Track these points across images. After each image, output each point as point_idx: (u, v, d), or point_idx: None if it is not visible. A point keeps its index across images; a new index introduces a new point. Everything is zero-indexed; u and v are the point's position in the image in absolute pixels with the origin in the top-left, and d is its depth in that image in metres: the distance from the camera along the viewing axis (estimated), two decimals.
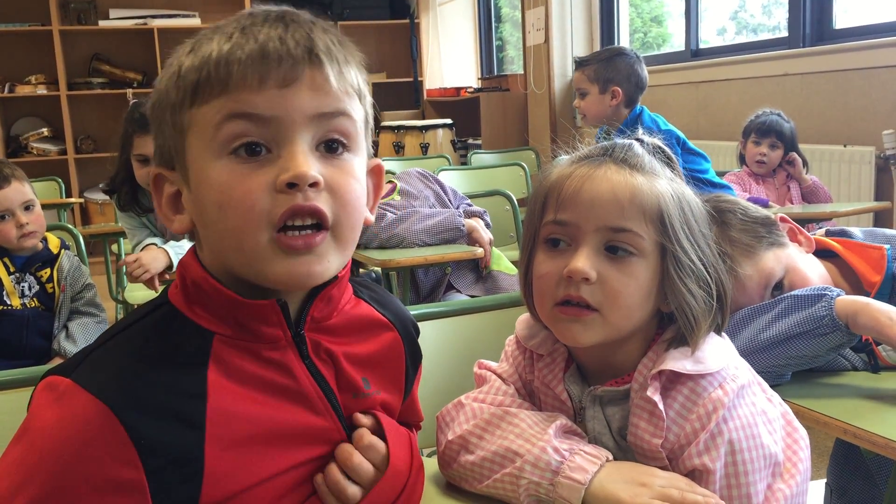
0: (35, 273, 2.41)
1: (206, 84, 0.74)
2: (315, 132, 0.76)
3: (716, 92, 4.00)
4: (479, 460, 0.90)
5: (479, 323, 1.36)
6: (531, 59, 5.38)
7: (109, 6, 6.20)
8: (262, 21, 0.76)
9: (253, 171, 0.73)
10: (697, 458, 0.83)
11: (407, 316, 0.95)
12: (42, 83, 6.04)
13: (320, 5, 6.69)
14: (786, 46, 3.59)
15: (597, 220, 0.88)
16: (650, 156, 0.93)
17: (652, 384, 0.87)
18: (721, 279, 0.91)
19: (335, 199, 0.76)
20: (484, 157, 4.78)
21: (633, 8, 5.21)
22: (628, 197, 0.87)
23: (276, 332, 0.79)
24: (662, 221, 0.88)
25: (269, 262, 0.74)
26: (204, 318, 0.77)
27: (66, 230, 2.73)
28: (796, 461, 0.87)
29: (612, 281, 0.87)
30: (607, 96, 2.92)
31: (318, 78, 0.75)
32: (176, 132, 0.77)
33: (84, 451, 0.69)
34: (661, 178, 0.90)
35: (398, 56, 7.08)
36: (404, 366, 0.92)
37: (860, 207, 2.81)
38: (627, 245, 0.87)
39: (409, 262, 2.45)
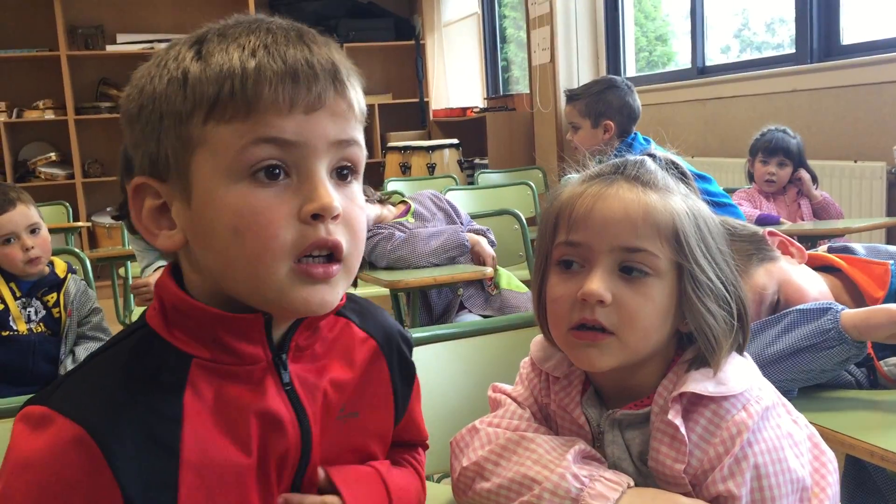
0: (41, 298, 2.40)
1: (230, 101, 0.70)
2: (332, 159, 0.74)
3: (723, 109, 3.99)
4: (496, 488, 0.88)
5: (492, 344, 1.34)
6: (537, 78, 5.38)
7: (117, 31, 6.24)
8: (283, 39, 0.73)
9: (275, 198, 0.71)
10: (722, 483, 0.81)
11: (393, 329, 0.92)
12: (50, 108, 6.07)
13: (326, 27, 6.73)
14: (793, 63, 3.58)
15: (610, 240, 0.85)
16: (663, 171, 0.90)
17: (673, 407, 0.84)
18: (741, 297, 0.88)
19: (348, 230, 0.75)
20: (491, 177, 4.78)
21: (637, 27, 5.22)
22: (642, 216, 0.85)
23: (256, 351, 0.76)
24: (678, 240, 0.85)
25: (286, 291, 0.73)
26: (182, 341, 0.75)
27: (73, 254, 2.72)
28: (825, 485, 0.85)
29: (628, 302, 0.84)
30: (599, 130, 2.90)
31: (342, 104, 0.74)
32: (179, 144, 0.72)
33: (64, 476, 0.68)
34: (675, 195, 0.88)
35: (404, 77, 7.10)
36: (390, 383, 0.90)
37: (872, 223, 2.78)
38: (642, 265, 0.85)
39: (419, 282, 2.43)
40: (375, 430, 0.88)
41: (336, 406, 0.83)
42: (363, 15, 6.89)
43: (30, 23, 6.10)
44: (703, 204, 0.91)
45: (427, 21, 6.97)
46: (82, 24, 6.24)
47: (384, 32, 6.94)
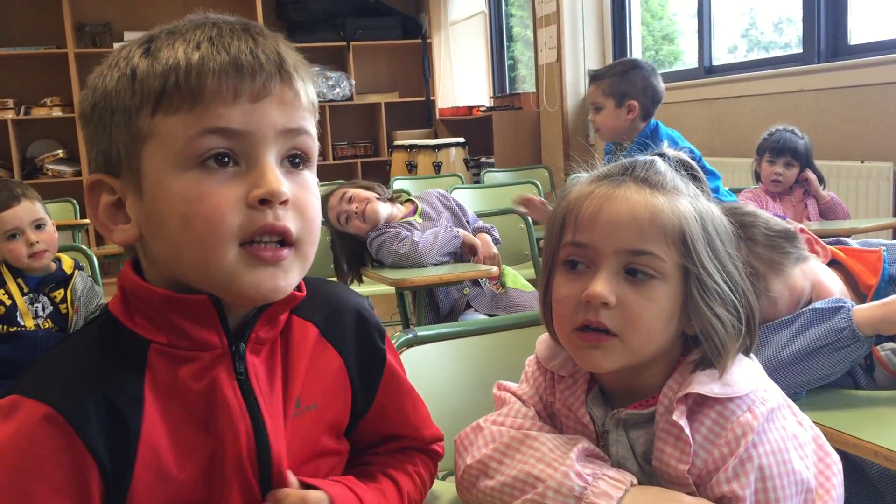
0: (49, 294, 2.41)
1: (175, 93, 0.72)
2: (281, 147, 0.76)
3: (730, 108, 3.98)
4: (500, 485, 0.88)
5: (497, 343, 1.34)
6: (543, 77, 5.38)
7: (124, 29, 6.26)
8: (229, 32, 0.75)
9: (223, 184, 0.73)
10: (726, 484, 0.81)
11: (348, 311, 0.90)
12: (57, 105, 6.09)
13: (332, 26, 6.73)
14: (801, 63, 3.57)
15: (616, 242, 0.85)
16: (673, 172, 0.90)
17: (678, 408, 0.84)
18: (749, 301, 0.88)
19: (299, 216, 0.76)
20: (497, 176, 4.77)
21: (644, 26, 5.21)
22: (648, 218, 0.84)
23: (210, 336, 0.77)
24: (685, 243, 0.85)
25: (236, 276, 0.74)
26: (141, 327, 0.77)
27: (80, 251, 2.73)
28: (829, 487, 0.85)
29: (632, 305, 0.84)
30: (623, 110, 2.86)
31: (288, 93, 0.76)
32: (130, 138, 0.74)
33: (38, 454, 0.70)
34: (684, 197, 0.87)
35: (410, 76, 7.10)
36: (347, 376, 0.88)
37: (879, 224, 2.78)
38: (647, 268, 0.85)
39: (424, 281, 2.43)
40: (329, 423, 0.87)
41: (291, 402, 0.82)
42: (370, 13, 6.89)
43: (38, 20, 6.12)
44: (714, 205, 0.91)
45: (434, 19, 6.97)
46: (90, 21, 6.26)
47: (391, 31, 6.95)
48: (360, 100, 6.89)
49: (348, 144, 6.99)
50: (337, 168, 6.68)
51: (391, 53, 7.13)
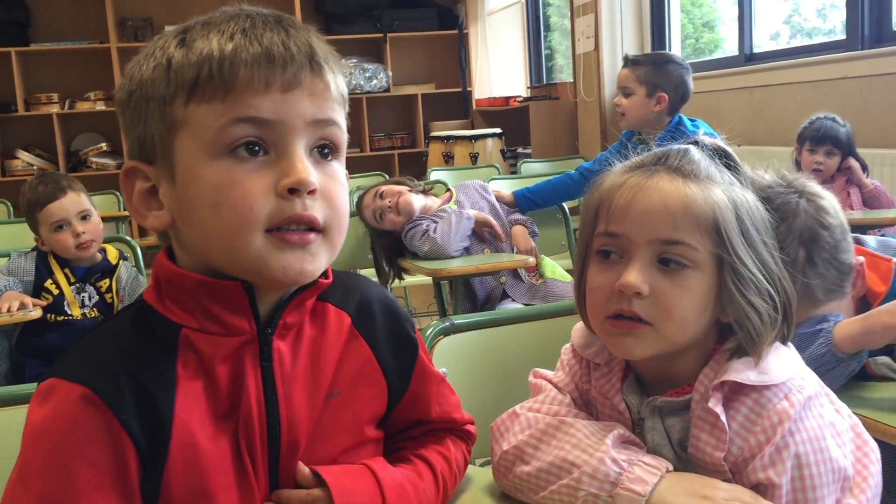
0: (95, 283, 2.48)
1: (208, 83, 0.74)
2: (310, 138, 0.77)
3: (771, 97, 3.92)
4: (535, 471, 0.89)
5: (533, 331, 1.35)
6: (581, 66, 5.35)
7: (165, 23, 6.34)
8: (262, 24, 0.77)
9: (252, 173, 0.74)
10: (762, 471, 0.81)
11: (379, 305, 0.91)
12: (101, 99, 6.21)
13: (369, 18, 6.76)
14: (843, 49, 3.51)
15: (649, 232, 0.85)
16: (707, 160, 0.89)
17: (714, 395, 0.84)
18: (785, 289, 0.88)
19: (328, 204, 0.78)
20: (534, 166, 4.76)
21: (684, 14, 5.15)
22: (681, 208, 0.85)
23: (241, 323, 0.79)
24: (718, 232, 0.85)
25: (264, 259, 0.75)
26: (172, 312, 0.78)
27: (124, 242, 2.79)
28: (867, 475, 0.85)
29: (666, 294, 0.85)
30: (653, 101, 2.87)
31: (319, 84, 0.77)
32: (164, 126, 0.76)
33: (77, 434, 0.72)
34: (718, 186, 0.87)
35: (447, 66, 7.10)
36: (376, 362, 0.88)
37: None
38: (681, 258, 0.85)
39: (461, 271, 2.45)
40: (364, 411, 0.88)
41: (324, 388, 0.84)
42: (407, 5, 6.90)
43: (81, 16, 6.24)
44: (750, 194, 0.90)
45: (470, 10, 6.96)
46: (132, 16, 6.36)
47: (428, 22, 6.95)
48: (397, 91, 6.90)
49: (385, 136, 7.02)
50: (374, 159, 6.71)
51: (428, 44, 7.14)
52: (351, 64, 6.70)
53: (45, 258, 2.45)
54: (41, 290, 2.42)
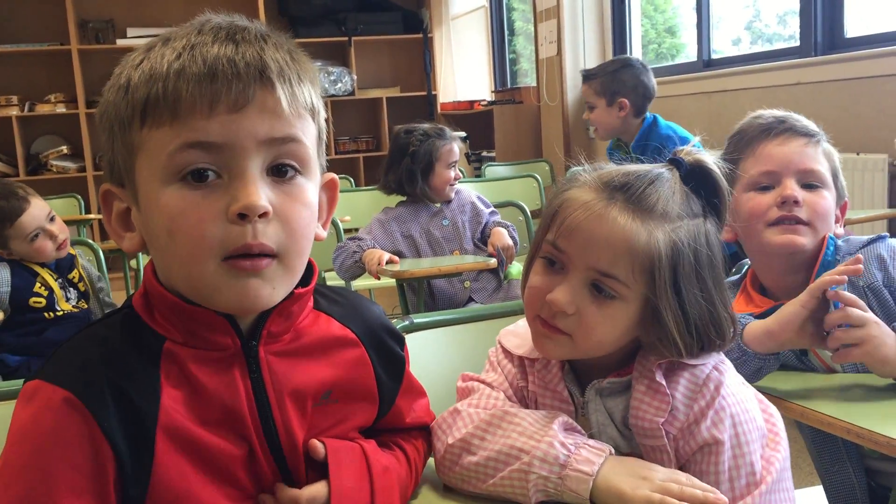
0: (68, 277, 2.51)
1: (156, 106, 0.73)
2: (265, 157, 0.75)
3: (729, 101, 4.00)
4: (484, 460, 0.93)
5: (492, 330, 1.36)
6: (544, 71, 5.40)
7: (127, 25, 6.29)
8: (211, 39, 0.75)
9: (203, 199, 0.73)
10: (707, 431, 0.90)
11: (379, 325, 0.93)
12: (61, 102, 6.13)
13: (334, 21, 6.75)
14: (798, 56, 3.60)
15: (588, 259, 0.91)
16: (673, 191, 0.92)
17: (657, 371, 0.92)
18: (712, 330, 0.92)
19: (284, 227, 0.76)
20: (498, 170, 4.80)
21: (647, 19, 5.23)
22: (623, 248, 0.89)
23: (224, 339, 0.79)
24: (651, 275, 0.90)
25: (216, 290, 0.75)
26: (159, 324, 0.79)
27: (86, 245, 2.78)
28: (777, 431, 0.95)
29: (589, 318, 0.91)
30: (615, 108, 2.96)
31: (270, 101, 0.75)
32: (126, 150, 0.76)
33: (58, 436, 0.72)
34: (669, 224, 0.91)
35: (412, 70, 7.12)
36: (374, 378, 0.91)
37: (873, 214, 2.81)
38: (612, 290, 0.91)
39: (423, 272, 2.47)
40: (356, 422, 0.91)
41: (313, 395, 0.85)
42: (371, 8, 6.91)
43: (41, 17, 6.15)
44: (706, 225, 0.94)
45: (435, 14, 6.99)
46: (93, 18, 6.30)
47: (392, 26, 6.97)
48: (362, 95, 6.91)
49: (350, 139, 7.02)
50: (340, 163, 6.71)
51: (392, 48, 7.15)
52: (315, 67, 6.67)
53: (19, 263, 2.44)
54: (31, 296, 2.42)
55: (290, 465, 0.83)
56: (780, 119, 1.33)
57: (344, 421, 0.89)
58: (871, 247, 1.30)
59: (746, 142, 1.36)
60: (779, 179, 1.30)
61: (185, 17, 2.29)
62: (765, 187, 1.32)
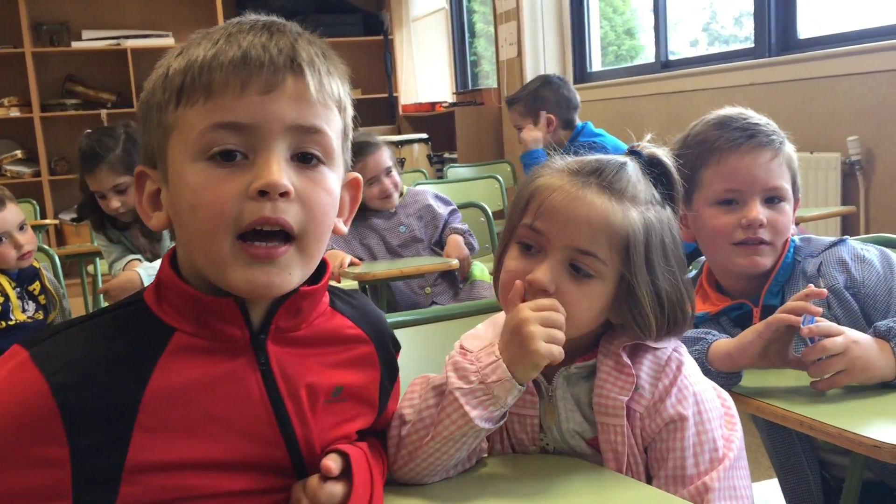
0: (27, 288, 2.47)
1: (191, 87, 0.76)
2: (291, 142, 0.78)
3: (686, 102, 4.06)
4: (417, 416, 0.95)
5: (456, 330, 1.37)
6: (504, 73, 5.43)
7: (82, 27, 6.19)
8: (248, 29, 0.79)
9: (227, 176, 0.76)
10: (673, 408, 0.94)
11: (387, 331, 0.97)
12: (15, 105, 6.01)
13: None
14: (752, 57, 3.66)
15: (567, 239, 0.94)
16: (637, 177, 0.98)
17: (622, 353, 0.96)
18: (677, 308, 0.98)
19: (305, 210, 0.78)
20: (460, 171, 4.82)
21: (606, 21, 5.28)
22: (601, 225, 0.94)
23: (234, 331, 0.80)
24: (627, 252, 0.94)
25: (230, 268, 0.76)
26: (168, 315, 0.80)
27: (42, 251, 2.73)
28: (732, 413, 1.01)
29: (568, 296, 0.94)
30: (543, 125, 3.08)
31: (299, 87, 0.78)
32: (161, 131, 0.79)
33: (17, 421, 0.73)
34: (638, 207, 0.96)
35: (373, 72, 7.11)
36: (378, 382, 0.93)
37: (826, 212, 2.87)
38: (589, 268, 0.94)
39: (385, 274, 2.47)
40: (358, 424, 0.92)
41: (325, 391, 0.86)
42: (331, 10, 6.89)
43: None
44: (667, 212, 1.00)
45: (395, 16, 6.99)
46: (47, 20, 6.18)
47: (352, 28, 6.95)
48: None
49: None
50: None
51: (353, 50, 7.12)
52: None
53: None
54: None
55: (305, 455, 0.84)
56: (747, 132, 1.29)
57: (348, 421, 0.90)
58: (833, 250, 1.32)
59: (710, 150, 1.33)
60: (744, 198, 1.29)
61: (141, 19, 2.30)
62: (728, 202, 1.31)
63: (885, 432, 0.99)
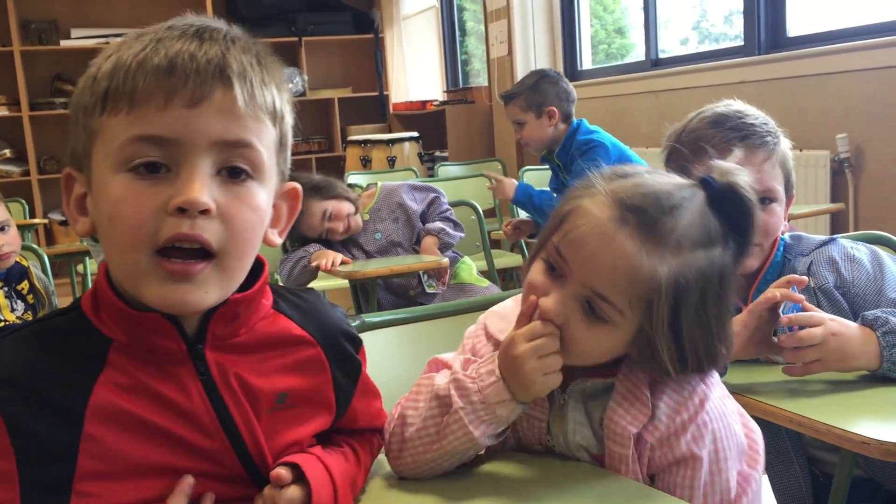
0: (15, 288, 2.45)
1: (115, 94, 0.74)
2: (218, 157, 0.75)
3: (676, 100, 4.06)
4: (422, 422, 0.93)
5: (444, 328, 1.37)
6: (495, 71, 5.43)
7: (71, 26, 6.16)
8: (178, 36, 0.75)
9: (148, 190, 0.73)
10: (686, 446, 0.88)
11: (337, 327, 0.92)
12: (3, 104, 5.98)
13: (283, 21, 6.70)
14: (742, 55, 3.67)
15: (587, 277, 0.87)
16: (694, 221, 0.86)
17: (642, 380, 0.91)
18: (704, 358, 0.89)
19: (226, 227, 0.75)
20: (451, 169, 4.82)
21: (597, 20, 5.28)
22: (624, 274, 0.85)
23: (169, 344, 0.78)
24: (650, 309, 0.86)
25: (144, 283, 0.74)
26: (105, 325, 0.78)
27: (31, 250, 2.72)
28: (757, 448, 0.94)
29: (577, 333, 0.88)
30: (545, 119, 3.05)
31: (228, 99, 0.74)
32: (86, 136, 0.77)
33: None
34: (682, 255, 0.85)
35: (363, 71, 7.10)
36: (332, 382, 0.90)
37: (815, 209, 2.88)
38: (604, 312, 0.87)
39: (375, 273, 2.47)
40: (313, 427, 0.89)
41: (268, 398, 0.84)
42: (322, 9, 6.87)
43: None
44: (726, 252, 0.88)
45: (386, 14, 6.98)
46: (36, 19, 6.15)
47: (343, 26, 6.94)
48: (314, 95, 6.87)
49: (302, 140, 6.96)
50: (292, 164, 6.65)
51: (343, 49, 7.12)
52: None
53: None
54: None
55: (258, 464, 0.83)
56: (741, 132, 1.27)
57: (301, 426, 0.88)
58: (823, 249, 1.31)
59: (703, 149, 1.29)
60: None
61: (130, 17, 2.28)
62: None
63: (873, 429, 0.99)
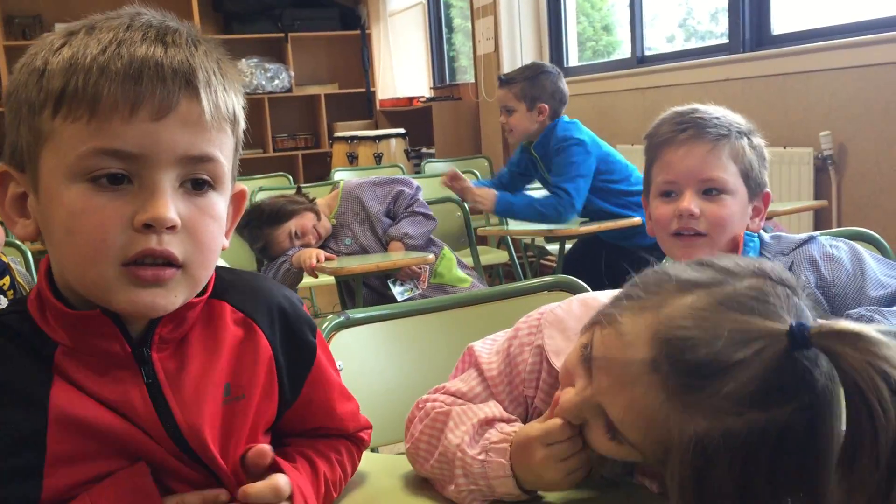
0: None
1: (73, 98, 0.70)
2: (182, 171, 0.73)
3: (662, 97, 4.08)
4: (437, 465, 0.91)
5: (428, 324, 1.38)
6: (482, 67, 5.43)
7: (55, 20, 6.10)
8: (140, 37, 0.72)
9: (109, 203, 0.70)
10: None
11: (279, 307, 0.87)
12: None
13: (270, 17, 6.69)
14: (727, 52, 3.69)
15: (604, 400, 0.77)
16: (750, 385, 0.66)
17: None
18: None
19: (191, 240, 0.74)
20: (437, 166, 4.81)
21: (584, 17, 5.29)
22: (641, 420, 0.73)
23: (112, 346, 0.76)
24: (666, 458, 0.72)
25: (113, 293, 0.72)
26: (51, 327, 0.76)
27: (14, 247, 2.70)
28: None
29: (594, 437, 0.81)
30: (534, 113, 3.06)
31: (194, 111, 0.72)
32: (32, 136, 0.73)
33: None
34: (713, 421, 0.67)
35: (350, 67, 7.10)
36: (273, 361, 0.85)
37: (799, 206, 2.90)
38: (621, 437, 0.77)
39: (361, 269, 2.47)
40: (262, 415, 0.85)
41: (216, 392, 0.81)
42: (308, 4, 6.86)
43: None
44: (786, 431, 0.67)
45: (372, 11, 6.97)
46: (20, 13, 6.12)
47: (329, 22, 6.93)
48: (300, 91, 6.86)
49: (289, 136, 6.96)
50: (278, 160, 6.64)
51: (330, 45, 7.11)
52: (252, 64, 6.61)
53: None
54: None
55: (210, 466, 0.80)
56: (683, 125, 1.34)
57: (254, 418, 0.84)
58: (803, 248, 1.30)
59: (655, 147, 1.38)
60: (679, 189, 1.33)
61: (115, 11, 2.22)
62: (668, 193, 1.35)
63: None
